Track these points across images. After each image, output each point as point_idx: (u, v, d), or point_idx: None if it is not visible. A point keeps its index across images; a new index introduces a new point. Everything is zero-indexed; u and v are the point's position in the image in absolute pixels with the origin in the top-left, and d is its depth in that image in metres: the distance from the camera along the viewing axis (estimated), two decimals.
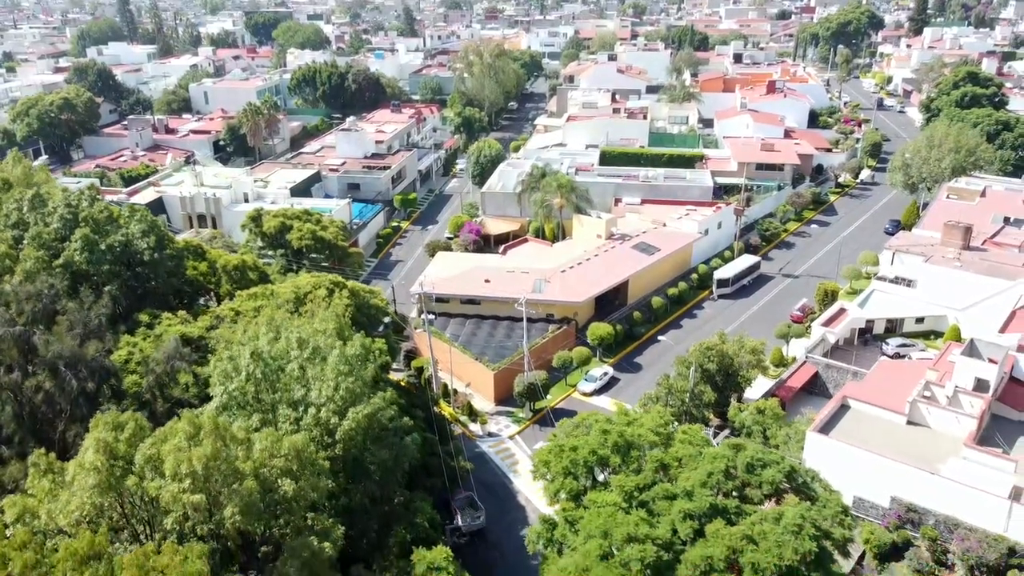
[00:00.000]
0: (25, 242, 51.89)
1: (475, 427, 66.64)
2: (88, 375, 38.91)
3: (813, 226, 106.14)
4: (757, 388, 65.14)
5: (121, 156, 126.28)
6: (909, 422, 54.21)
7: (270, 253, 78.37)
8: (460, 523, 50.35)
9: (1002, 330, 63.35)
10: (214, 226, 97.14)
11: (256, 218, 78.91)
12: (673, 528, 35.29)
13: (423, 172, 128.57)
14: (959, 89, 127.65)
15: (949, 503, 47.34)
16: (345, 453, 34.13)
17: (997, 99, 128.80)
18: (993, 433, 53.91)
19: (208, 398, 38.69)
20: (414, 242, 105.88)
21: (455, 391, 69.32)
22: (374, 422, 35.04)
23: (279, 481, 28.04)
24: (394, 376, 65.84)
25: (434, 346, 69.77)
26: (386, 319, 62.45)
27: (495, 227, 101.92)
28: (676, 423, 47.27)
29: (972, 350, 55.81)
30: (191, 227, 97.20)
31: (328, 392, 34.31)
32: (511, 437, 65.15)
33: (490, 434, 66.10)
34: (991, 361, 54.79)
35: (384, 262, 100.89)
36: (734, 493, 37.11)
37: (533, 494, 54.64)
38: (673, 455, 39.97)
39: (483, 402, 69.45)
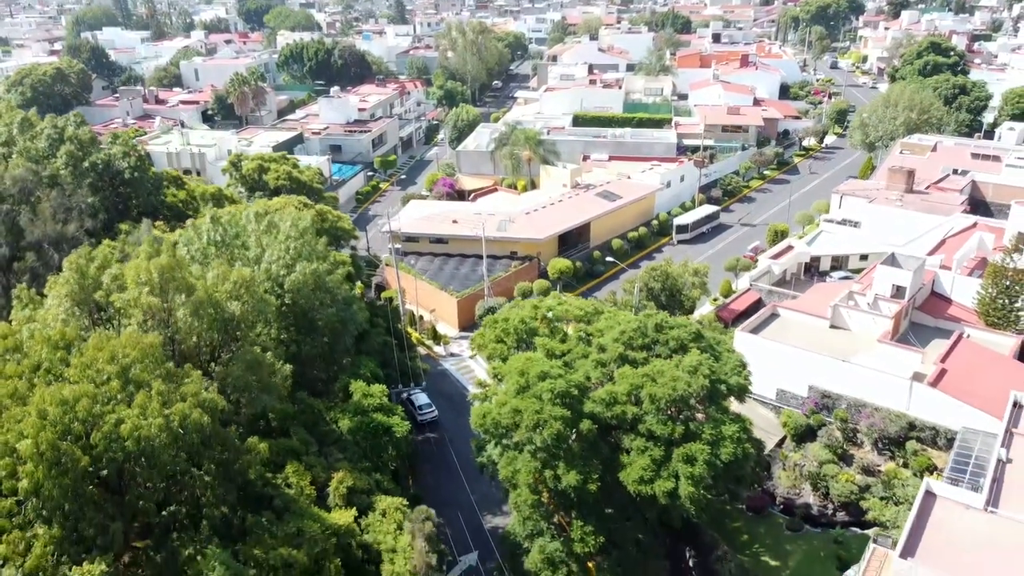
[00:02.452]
0: (13, 156, 56.18)
1: (439, 348, 71.14)
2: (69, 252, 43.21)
3: (775, 185, 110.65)
4: (702, 311, 69.56)
5: (112, 124, 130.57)
6: (832, 326, 58.61)
7: (248, 196, 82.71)
8: (415, 409, 54.97)
9: (930, 253, 67.83)
10: None
11: (236, 163, 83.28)
12: (587, 375, 39.75)
13: (405, 139, 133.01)
14: (922, 58, 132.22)
15: (859, 388, 51.74)
16: (294, 305, 38.55)
17: (959, 68, 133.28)
18: (909, 335, 58.38)
19: None
20: (393, 199, 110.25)
21: (420, 317, 73.76)
22: (321, 282, 39.44)
23: (228, 303, 32.41)
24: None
25: (402, 279, 74.19)
26: (352, 243, 66.85)
27: (469, 184, 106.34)
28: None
29: (893, 261, 60.24)
30: None
31: (279, 252, 38.75)
32: (472, 356, 69.51)
33: (452, 354, 70.64)
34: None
35: (363, 216, 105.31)
36: (643, 349, 41.46)
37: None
38: (595, 328, 44.40)
39: (448, 329, 73.90)
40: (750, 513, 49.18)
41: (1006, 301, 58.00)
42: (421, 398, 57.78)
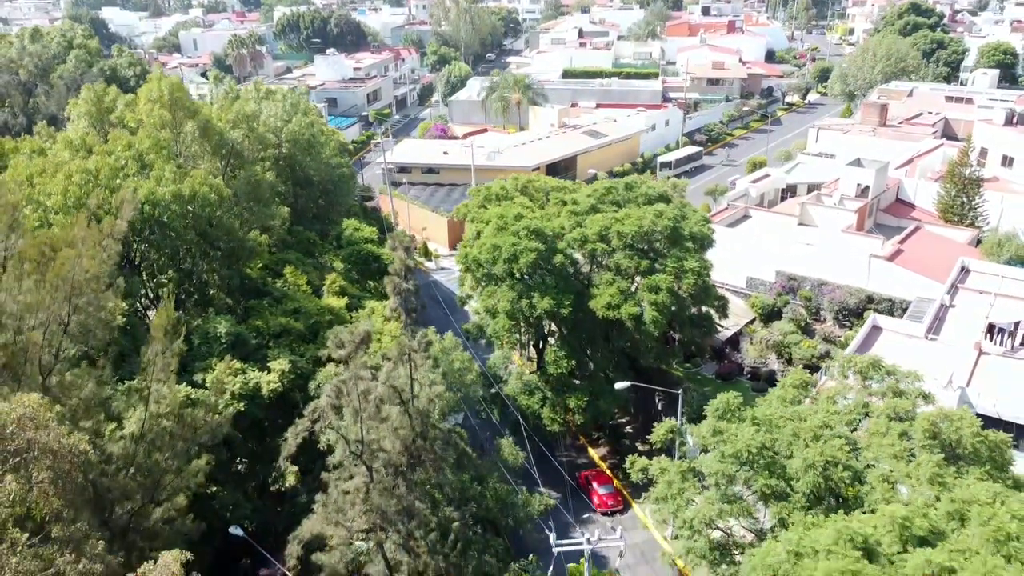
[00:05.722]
0: (24, 60, 59.37)
1: (430, 264, 74.50)
2: None
3: (757, 134, 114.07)
4: None
5: None
6: (800, 223, 61.96)
7: None
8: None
9: (898, 168, 71.30)
10: None
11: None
12: (561, 226, 43.06)
13: (399, 99, 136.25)
14: (903, 19, 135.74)
15: (822, 268, 55.12)
16: (291, 158, 41.84)
17: (939, 28, 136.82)
18: (873, 233, 61.79)
19: None
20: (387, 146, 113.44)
21: (412, 236, 77.05)
22: (314, 141, 42.75)
23: (232, 131, 35.67)
24: None
25: (395, 203, 77.69)
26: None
27: (460, 132, 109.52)
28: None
29: (857, 163, 63.68)
30: None
31: (276, 111, 42.13)
32: (461, 281, 72.95)
33: (442, 268, 74.02)
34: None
35: (357, 164, 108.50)
36: (614, 204, 44.77)
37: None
38: (572, 197, 47.71)
39: (439, 248, 77.27)
40: (719, 380, 52.51)
41: (964, 199, 61.47)
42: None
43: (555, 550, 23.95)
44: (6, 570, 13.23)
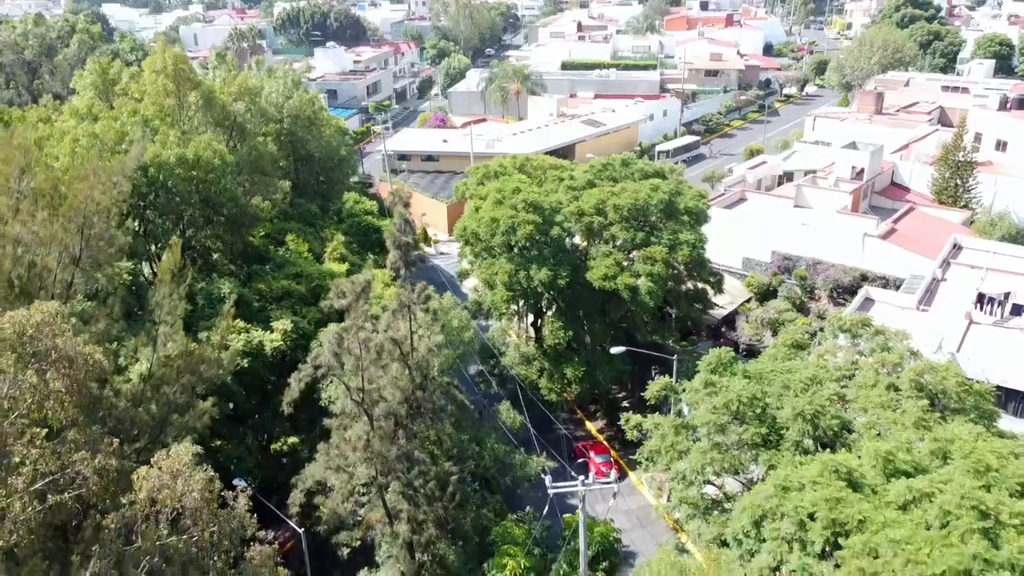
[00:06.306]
0: (30, 39, 60.05)
1: (429, 249, 75.20)
2: None
3: (755, 124, 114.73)
4: None
5: None
6: (796, 205, 62.59)
7: None
8: None
9: (894, 153, 71.96)
10: None
11: None
12: (559, 201, 43.71)
13: (399, 91, 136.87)
14: (900, 12, 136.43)
15: (817, 247, 55.77)
16: (292, 134, 42.51)
17: (936, 21, 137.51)
18: (868, 213, 62.45)
19: None
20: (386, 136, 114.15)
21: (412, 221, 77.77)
22: (315, 118, 43.41)
23: (234, 103, 36.35)
24: None
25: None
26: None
27: (459, 123, 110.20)
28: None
29: (852, 146, 64.34)
30: None
31: (278, 87, 42.80)
32: (460, 255, 73.67)
33: (442, 253, 74.79)
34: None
35: (358, 153, 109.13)
36: (610, 180, 45.43)
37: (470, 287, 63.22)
38: (569, 173, 48.38)
39: (439, 233, 77.98)
40: None
41: (958, 181, 62.14)
42: None
43: (550, 491, 24.57)
44: (27, 463, 13.93)
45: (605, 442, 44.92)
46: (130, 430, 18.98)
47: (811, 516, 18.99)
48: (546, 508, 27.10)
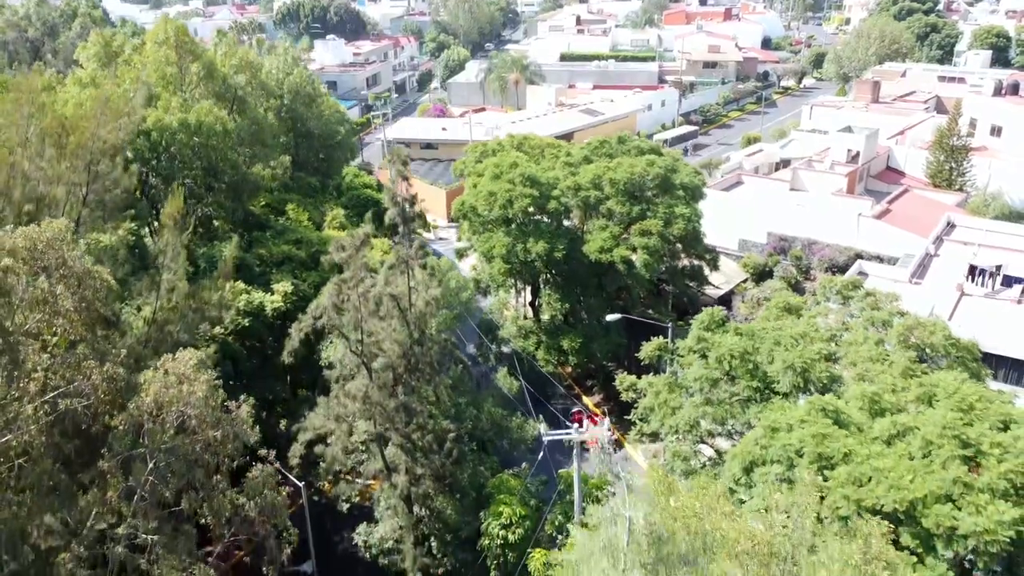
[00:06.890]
0: (32, 20, 60.38)
1: (428, 235, 75.68)
2: None
3: (753, 115, 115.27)
4: None
5: None
6: (792, 188, 63.10)
7: None
8: None
9: (889, 138, 72.51)
10: None
11: None
12: (556, 177, 44.20)
13: (399, 83, 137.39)
14: (897, 4, 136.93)
15: (813, 228, 56.32)
16: (292, 110, 43.00)
17: (933, 14, 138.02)
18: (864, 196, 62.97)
19: None
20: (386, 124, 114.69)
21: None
22: (315, 95, 43.90)
23: (235, 76, 36.82)
24: None
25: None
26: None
27: (459, 113, 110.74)
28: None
29: (848, 131, 64.86)
30: None
31: (278, 63, 43.30)
32: (460, 233, 74.27)
33: (440, 238, 75.35)
34: None
35: (358, 142, 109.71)
36: (607, 156, 45.92)
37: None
38: (566, 150, 48.88)
39: (437, 219, 78.49)
40: None
41: (953, 164, 62.66)
42: None
43: (544, 439, 25.07)
44: (39, 369, 14.45)
45: (601, 414, 45.41)
46: (136, 366, 19.52)
47: (799, 453, 19.51)
48: (540, 456, 27.64)
